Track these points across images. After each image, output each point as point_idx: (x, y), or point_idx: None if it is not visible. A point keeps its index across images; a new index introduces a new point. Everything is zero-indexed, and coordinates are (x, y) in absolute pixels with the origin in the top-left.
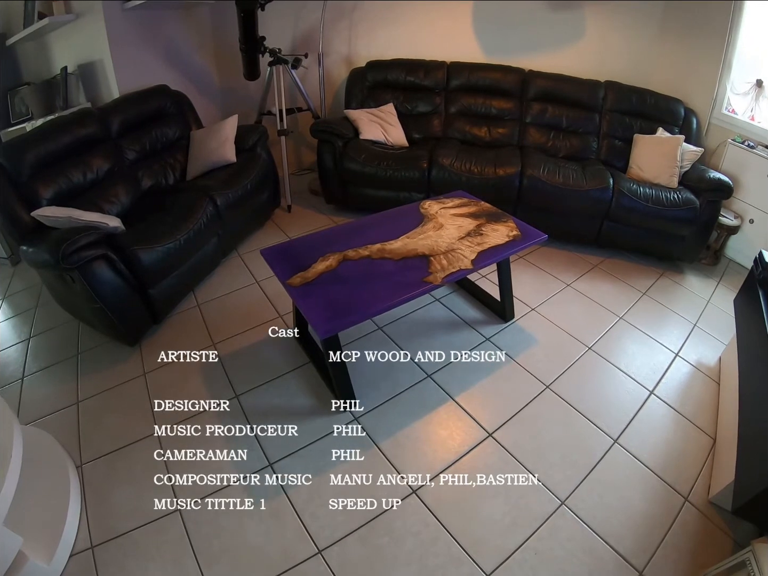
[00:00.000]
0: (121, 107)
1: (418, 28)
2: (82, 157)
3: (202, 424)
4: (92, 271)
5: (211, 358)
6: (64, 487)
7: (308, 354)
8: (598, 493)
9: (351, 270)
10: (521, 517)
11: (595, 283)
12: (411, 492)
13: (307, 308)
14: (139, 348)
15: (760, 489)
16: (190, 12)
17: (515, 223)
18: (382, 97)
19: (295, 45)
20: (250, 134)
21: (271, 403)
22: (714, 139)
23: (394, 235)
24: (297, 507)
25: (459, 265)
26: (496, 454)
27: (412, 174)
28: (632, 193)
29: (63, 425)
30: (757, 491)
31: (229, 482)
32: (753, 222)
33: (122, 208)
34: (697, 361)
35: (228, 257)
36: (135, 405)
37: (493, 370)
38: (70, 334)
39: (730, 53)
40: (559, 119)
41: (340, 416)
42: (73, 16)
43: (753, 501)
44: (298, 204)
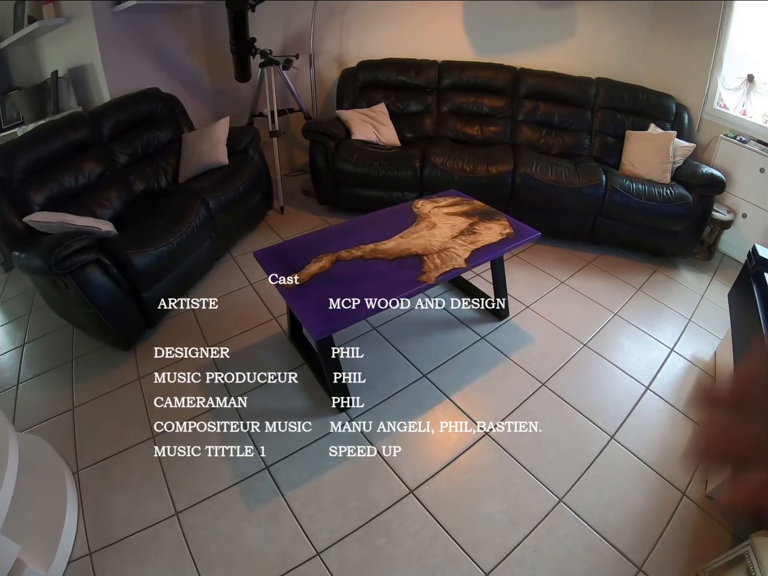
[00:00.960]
0: (113, 111)
1: (409, 27)
2: (73, 161)
3: (197, 428)
4: (85, 276)
5: (206, 361)
6: (61, 494)
7: (303, 355)
8: (596, 490)
9: (344, 271)
10: (519, 515)
11: (589, 279)
12: (408, 492)
13: (301, 310)
14: (133, 352)
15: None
16: (181, 14)
17: (508, 221)
18: (374, 97)
19: (286, 46)
20: (242, 136)
21: (267, 405)
22: (706, 134)
23: (387, 235)
24: (294, 509)
25: (452, 264)
26: (492, 452)
27: (404, 173)
28: (625, 190)
29: (59, 432)
30: None
31: (226, 485)
32: (746, 216)
33: (115, 212)
34: (692, 355)
35: (222, 260)
36: (130, 410)
37: (489, 369)
38: (64, 340)
39: (721, 48)
40: (551, 117)
41: (336, 417)
42: (63, 20)
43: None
44: (291, 205)
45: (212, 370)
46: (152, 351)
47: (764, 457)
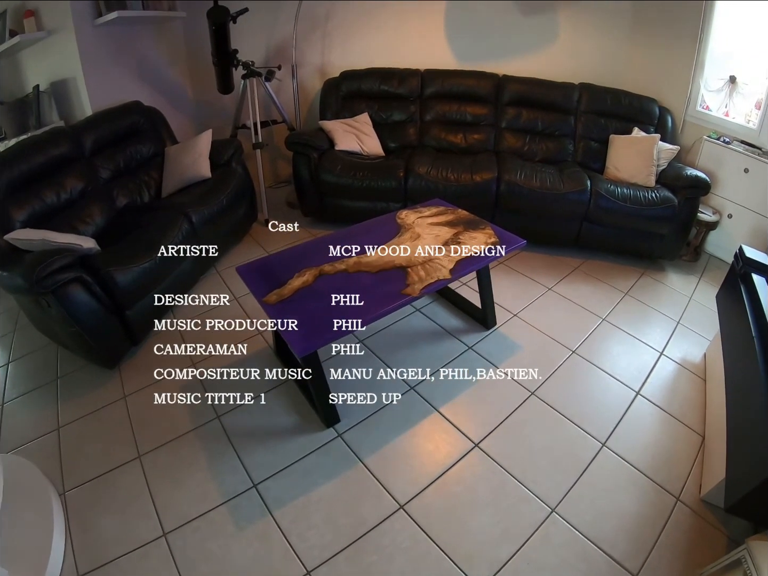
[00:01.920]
0: (94, 125)
1: (391, 36)
2: (55, 177)
3: (183, 447)
4: (67, 294)
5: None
6: (48, 516)
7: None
8: (589, 498)
9: (328, 285)
10: (512, 526)
11: (576, 285)
12: (398, 507)
13: (284, 326)
14: (118, 371)
15: (753, 486)
16: (162, 27)
17: (493, 230)
18: (357, 107)
19: (268, 57)
20: (224, 149)
21: (253, 422)
22: (689, 136)
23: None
24: (283, 528)
25: (437, 276)
26: (483, 464)
27: (388, 184)
28: (610, 194)
29: (44, 452)
30: (749, 488)
31: (214, 505)
32: (731, 217)
33: (97, 228)
34: (682, 358)
35: (206, 274)
36: (116, 429)
37: (477, 380)
38: (49, 359)
39: (703, 50)
40: (534, 123)
41: (324, 433)
42: (44, 34)
43: (745, 498)
44: (275, 218)
45: (198, 387)
46: (137, 369)
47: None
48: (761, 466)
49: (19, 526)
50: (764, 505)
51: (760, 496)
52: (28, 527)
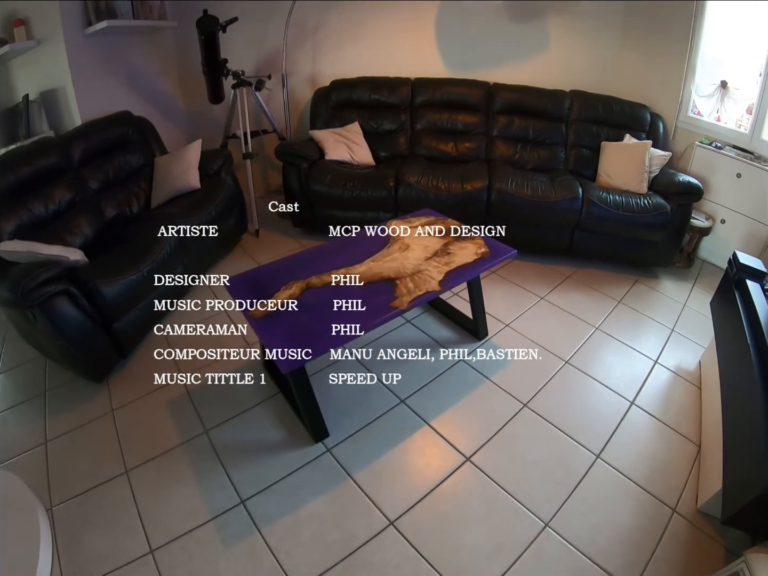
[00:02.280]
0: (83, 135)
1: (381, 45)
2: (43, 188)
3: (171, 462)
4: (53, 307)
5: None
6: (35, 531)
7: (277, 384)
8: (583, 512)
9: (314, 298)
10: (505, 542)
11: (569, 294)
12: (388, 524)
13: (269, 341)
14: (106, 384)
15: (750, 498)
16: (153, 36)
17: (484, 240)
18: (348, 116)
19: (259, 66)
20: (214, 159)
21: (241, 437)
22: (681, 142)
23: (360, 258)
24: (271, 545)
25: (426, 288)
26: (475, 478)
27: (378, 193)
28: (602, 202)
29: (32, 467)
30: (747, 500)
31: (202, 522)
32: (724, 222)
33: (85, 239)
34: (676, 366)
35: (195, 286)
36: (104, 444)
37: (469, 392)
38: (37, 371)
39: (694, 56)
40: (525, 131)
41: (312, 447)
42: (34, 43)
43: (743, 510)
44: (266, 228)
45: (185, 401)
46: (125, 382)
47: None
48: (758, 477)
49: (6, 541)
50: (762, 516)
51: (758, 508)
52: (14, 543)
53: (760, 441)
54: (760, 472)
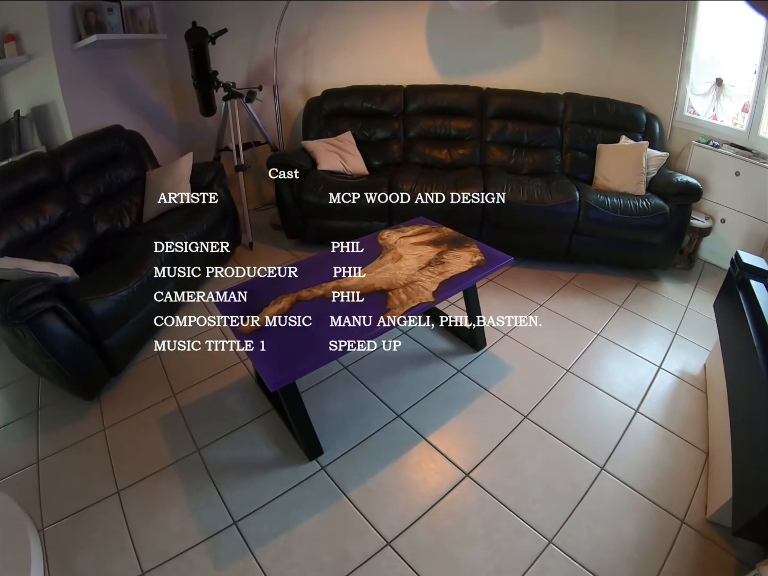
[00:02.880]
0: (74, 150)
1: (372, 53)
2: (34, 203)
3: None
4: (42, 324)
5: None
6: (26, 553)
7: (270, 400)
8: (588, 527)
9: (305, 312)
10: (506, 561)
11: (568, 300)
12: (385, 544)
13: (257, 358)
14: (98, 402)
15: (761, 507)
16: (143, 49)
17: (479, 248)
18: (340, 125)
19: (250, 78)
20: (206, 172)
21: (234, 455)
22: (678, 142)
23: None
24: (264, 566)
25: (419, 299)
26: (474, 495)
27: (371, 203)
28: (600, 205)
29: (23, 486)
30: (758, 510)
31: (193, 543)
32: (724, 221)
33: (76, 255)
34: (681, 371)
35: (188, 301)
36: (95, 463)
37: (467, 404)
38: (29, 389)
39: (688, 54)
40: (520, 135)
41: (306, 466)
42: (25, 58)
43: (755, 521)
44: (259, 240)
45: (178, 418)
46: (117, 400)
47: None
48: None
49: None
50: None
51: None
52: (5, 564)
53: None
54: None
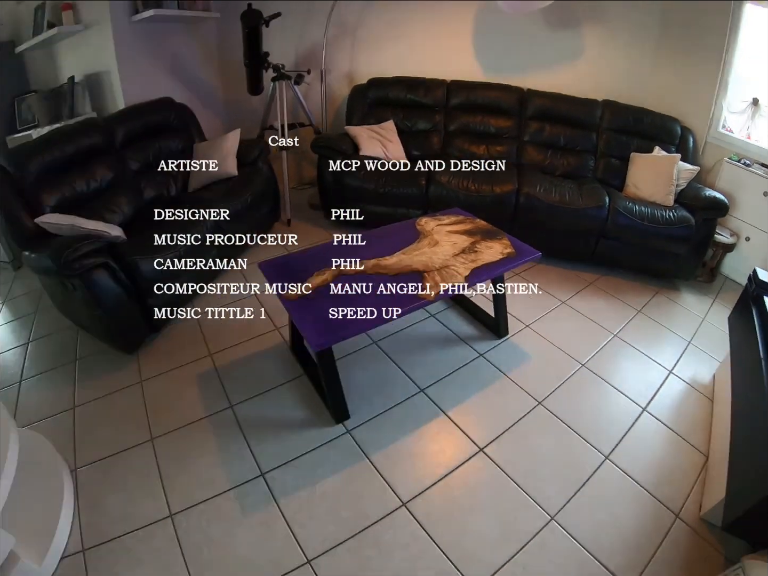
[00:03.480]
0: (126, 118)
1: (419, 46)
2: (86, 166)
3: (195, 433)
4: (93, 279)
5: (207, 368)
6: (58, 491)
7: (303, 366)
8: (589, 509)
9: (346, 285)
10: (510, 532)
11: (589, 300)
12: (401, 505)
13: (302, 321)
14: (136, 356)
15: (749, 505)
16: (197, 26)
17: (510, 241)
18: (383, 114)
19: (298, 61)
20: (251, 148)
21: (265, 413)
22: (710, 157)
23: (390, 250)
24: (287, 517)
25: (453, 282)
26: (486, 468)
27: (410, 191)
28: (628, 212)
29: (59, 429)
30: (746, 507)
31: (221, 490)
32: (749, 240)
33: (124, 217)
34: (691, 378)
35: (227, 269)
36: (130, 412)
37: (486, 386)
38: (68, 341)
39: (727, 72)
40: (556, 138)
41: (333, 429)
42: (81, 27)
43: (742, 517)
44: (297, 218)
45: (213, 376)
46: (155, 356)
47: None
48: (759, 486)
49: (30, 498)
50: (761, 524)
51: (757, 515)
52: (38, 500)
53: (763, 454)
54: (762, 481)
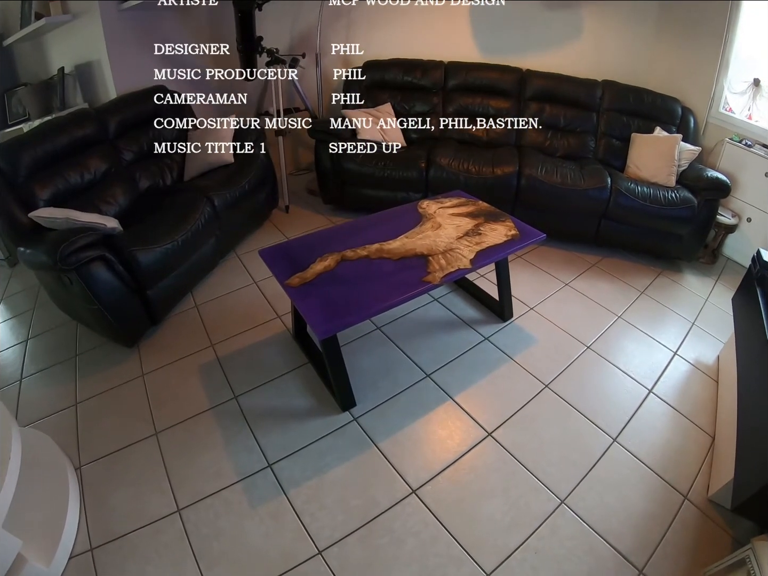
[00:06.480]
0: (119, 108)
1: (415, 27)
2: (79, 157)
3: (200, 425)
4: (90, 272)
5: (210, 359)
6: (63, 490)
7: (307, 354)
8: (598, 492)
9: (349, 270)
10: (521, 516)
11: (593, 282)
12: (410, 492)
13: (306, 309)
14: (137, 349)
15: (759, 486)
16: (188, 12)
17: (513, 223)
18: (380, 97)
19: (293, 45)
20: (247, 134)
21: (270, 403)
22: (711, 138)
23: (393, 235)
24: (296, 507)
25: (457, 265)
26: (495, 453)
27: (409, 174)
28: (630, 192)
29: (61, 427)
30: (756, 489)
31: (229, 483)
32: (751, 221)
33: (120, 209)
34: (695, 359)
35: (226, 258)
36: (133, 407)
37: (492, 370)
38: (68, 336)
39: (728, 52)
40: (556, 118)
41: (339, 417)
42: (70, 17)
43: (752, 499)
44: (295, 204)
45: (215, 367)
46: (156, 348)
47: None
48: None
49: (35, 498)
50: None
51: (766, 496)
52: (43, 500)
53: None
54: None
